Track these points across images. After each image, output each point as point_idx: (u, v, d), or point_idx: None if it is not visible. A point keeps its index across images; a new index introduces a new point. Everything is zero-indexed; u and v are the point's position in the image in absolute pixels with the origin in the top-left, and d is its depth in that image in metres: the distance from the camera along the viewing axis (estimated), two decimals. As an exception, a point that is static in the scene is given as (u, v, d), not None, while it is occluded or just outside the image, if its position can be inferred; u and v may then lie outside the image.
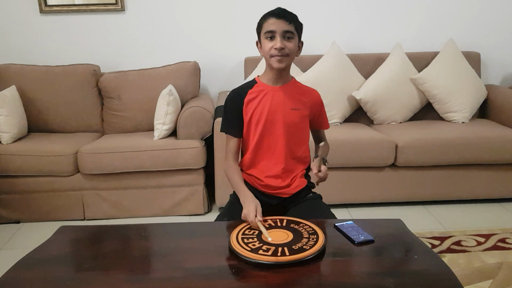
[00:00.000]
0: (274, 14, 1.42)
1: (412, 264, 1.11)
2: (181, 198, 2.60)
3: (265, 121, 1.49)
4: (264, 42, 1.44)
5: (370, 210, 2.64)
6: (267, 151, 1.52)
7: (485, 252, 2.11)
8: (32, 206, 2.56)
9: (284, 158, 1.51)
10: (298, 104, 1.51)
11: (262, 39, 1.45)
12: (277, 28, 1.40)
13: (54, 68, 2.91)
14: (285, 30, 1.41)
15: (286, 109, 1.49)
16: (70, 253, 1.22)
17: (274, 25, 1.40)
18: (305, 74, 2.85)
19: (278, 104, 1.49)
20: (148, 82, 2.89)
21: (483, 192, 2.67)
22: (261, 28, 1.45)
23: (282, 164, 1.51)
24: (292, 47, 1.42)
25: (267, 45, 1.43)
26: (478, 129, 2.69)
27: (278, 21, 1.40)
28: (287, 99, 1.50)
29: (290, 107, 1.50)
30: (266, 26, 1.42)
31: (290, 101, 1.50)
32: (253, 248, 1.13)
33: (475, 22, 3.18)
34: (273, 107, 1.49)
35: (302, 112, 1.52)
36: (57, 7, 3.01)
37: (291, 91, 1.51)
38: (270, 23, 1.41)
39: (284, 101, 1.49)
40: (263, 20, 1.45)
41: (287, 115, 1.49)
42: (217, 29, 3.13)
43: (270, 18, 1.42)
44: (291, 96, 1.51)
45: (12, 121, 2.60)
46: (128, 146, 2.54)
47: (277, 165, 1.52)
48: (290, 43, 1.42)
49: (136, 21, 3.09)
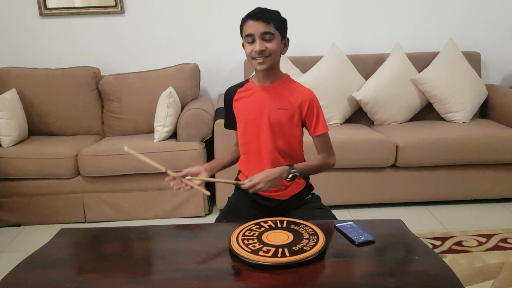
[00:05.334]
0: (251, 16, 1.39)
1: (413, 265, 1.11)
2: (181, 200, 2.60)
3: (252, 121, 1.48)
4: (246, 45, 1.42)
5: (370, 210, 2.64)
6: (255, 152, 1.51)
7: (487, 252, 2.10)
8: (33, 209, 2.56)
9: (273, 159, 1.48)
10: (285, 104, 1.46)
11: (244, 42, 1.44)
12: (255, 31, 1.37)
13: (54, 71, 2.92)
14: (264, 32, 1.37)
15: (272, 109, 1.46)
16: (71, 256, 1.22)
17: (252, 28, 1.38)
18: (305, 75, 2.86)
19: (263, 104, 1.47)
20: (148, 84, 2.89)
21: (484, 192, 2.66)
22: (242, 31, 1.43)
23: (271, 165, 1.47)
24: (273, 47, 1.39)
25: (248, 48, 1.41)
26: (478, 129, 2.68)
27: (255, 23, 1.37)
28: (274, 98, 1.46)
29: (277, 106, 1.46)
30: (245, 29, 1.40)
31: (276, 101, 1.46)
32: (253, 249, 1.13)
33: (475, 22, 3.18)
34: (259, 107, 1.47)
35: (290, 112, 1.46)
36: (57, 10, 3.02)
37: (279, 90, 1.48)
38: (248, 26, 1.39)
39: (270, 101, 1.46)
40: (242, 23, 1.42)
41: (273, 115, 1.46)
42: (216, 31, 3.13)
43: (248, 21, 1.39)
44: (279, 95, 1.47)
45: (12, 124, 2.60)
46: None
47: (267, 166, 1.47)
48: (270, 43, 1.39)
49: (136, 23, 3.10)
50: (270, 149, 1.48)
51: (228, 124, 1.63)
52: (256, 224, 1.28)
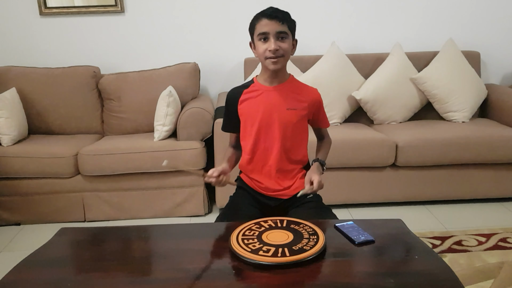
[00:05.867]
0: (266, 15, 1.39)
1: (412, 264, 1.11)
2: (181, 199, 2.60)
3: (260, 122, 1.48)
4: (258, 44, 1.42)
5: (370, 210, 2.64)
6: (264, 152, 1.52)
7: (486, 252, 2.10)
8: (32, 208, 2.56)
9: (281, 159, 1.51)
10: (294, 104, 1.49)
11: (255, 41, 1.43)
12: (270, 30, 1.38)
13: (54, 70, 2.92)
14: (279, 31, 1.38)
15: (282, 109, 1.47)
16: (71, 255, 1.22)
17: (267, 27, 1.38)
18: (305, 74, 2.86)
19: (273, 105, 1.48)
20: (148, 84, 2.89)
21: (484, 192, 2.66)
22: (254, 29, 1.42)
23: (279, 165, 1.50)
24: (286, 47, 1.40)
25: (261, 47, 1.41)
26: (478, 128, 2.69)
27: (270, 22, 1.38)
28: (283, 99, 1.48)
29: (286, 107, 1.48)
30: (259, 28, 1.40)
31: (286, 101, 1.48)
32: (253, 249, 1.13)
33: (475, 22, 3.18)
34: (268, 108, 1.48)
35: (299, 112, 1.49)
36: (57, 9, 3.02)
37: (287, 91, 1.49)
38: (262, 24, 1.39)
39: (279, 101, 1.48)
40: (255, 21, 1.42)
41: (283, 115, 1.48)
42: (216, 30, 3.13)
43: (262, 19, 1.39)
44: (287, 95, 1.49)
45: (12, 123, 2.60)
46: (128, 147, 2.54)
47: (274, 167, 1.50)
48: (284, 43, 1.40)
49: (136, 22, 3.09)
50: (278, 149, 1.50)
51: (227, 127, 1.62)
52: (256, 224, 1.28)
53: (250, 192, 1.57)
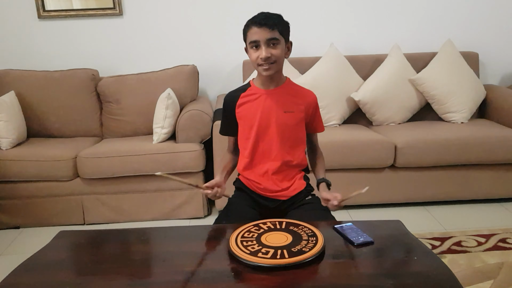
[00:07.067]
0: (255, 23, 1.38)
1: (412, 266, 1.11)
2: (180, 201, 2.60)
3: (258, 125, 1.49)
4: (250, 51, 1.43)
5: (369, 211, 2.64)
6: (262, 155, 1.53)
7: (486, 253, 2.10)
8: (31, 211, 2.56)
9: (280, 161, 1.51)
10: (291, 107, 1.50)
11: (248, 48, 1.44)
12: (260, 37, 1.38)
13: (52, 73, 2.91)
14: (269, 38, 1.38)
15: (279, 112, 1.48)
16: (70, 258, 1.22)
17: (257, 34, 1.38)
18: (303, 76, 2.86)
19: (270, 108, 1.48)
20: (146, 86, 2.89)
21: (483, 192, 2.66)
22: (246, 37, 1.43)
23: (278, 167, 1.51)
24: (278, 53, 1.40)
25: (253, 54, 1.41)
26: (477, 129, 2.69)
27: (260, 29, 1.37)
28: (280, 102, 1.49)
29: (283, 109, 1.49)
30: (250, 36, 1.40)
31: (283, 104, 1.49)
32: (252, 251, 1.13)
33: (473, 22, 3.19)
34: (266, 111, 1.49)
35: (296, 115, 1.50)
36: (55, 12, 3.02)
37: (284, 94, 1.50)
38: (252, 32, 1.39)
39: (276, 104, 1.49)
40: (246, 29, 1.42)
41: (280, 118, 1.49)
42: (215, 32, 3.14)
43: (252, 28, 1.39)
44: (284, 98, 1.50)
45: (11, 126, 2.60)
46: (127, 150, 2.54)
47: (273, 168, 1.51)
48: (275, 49, 1.40)
49: (134, 25, 3.10)
50: (277, 152, 1.51)
51: (225, 130, 1.63)
52: (255, 226, 1.28)
53: (249, 193, 1.58)
